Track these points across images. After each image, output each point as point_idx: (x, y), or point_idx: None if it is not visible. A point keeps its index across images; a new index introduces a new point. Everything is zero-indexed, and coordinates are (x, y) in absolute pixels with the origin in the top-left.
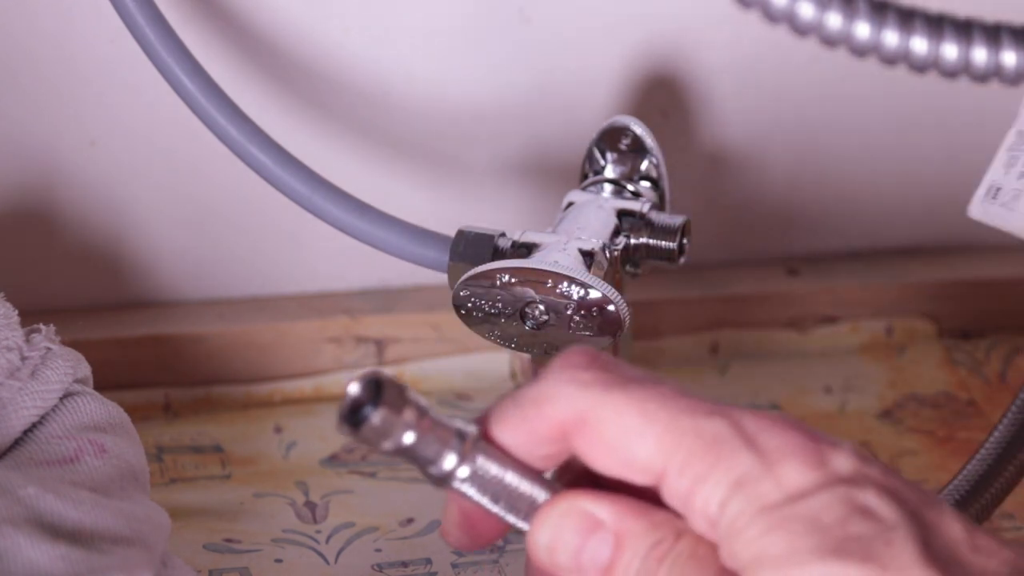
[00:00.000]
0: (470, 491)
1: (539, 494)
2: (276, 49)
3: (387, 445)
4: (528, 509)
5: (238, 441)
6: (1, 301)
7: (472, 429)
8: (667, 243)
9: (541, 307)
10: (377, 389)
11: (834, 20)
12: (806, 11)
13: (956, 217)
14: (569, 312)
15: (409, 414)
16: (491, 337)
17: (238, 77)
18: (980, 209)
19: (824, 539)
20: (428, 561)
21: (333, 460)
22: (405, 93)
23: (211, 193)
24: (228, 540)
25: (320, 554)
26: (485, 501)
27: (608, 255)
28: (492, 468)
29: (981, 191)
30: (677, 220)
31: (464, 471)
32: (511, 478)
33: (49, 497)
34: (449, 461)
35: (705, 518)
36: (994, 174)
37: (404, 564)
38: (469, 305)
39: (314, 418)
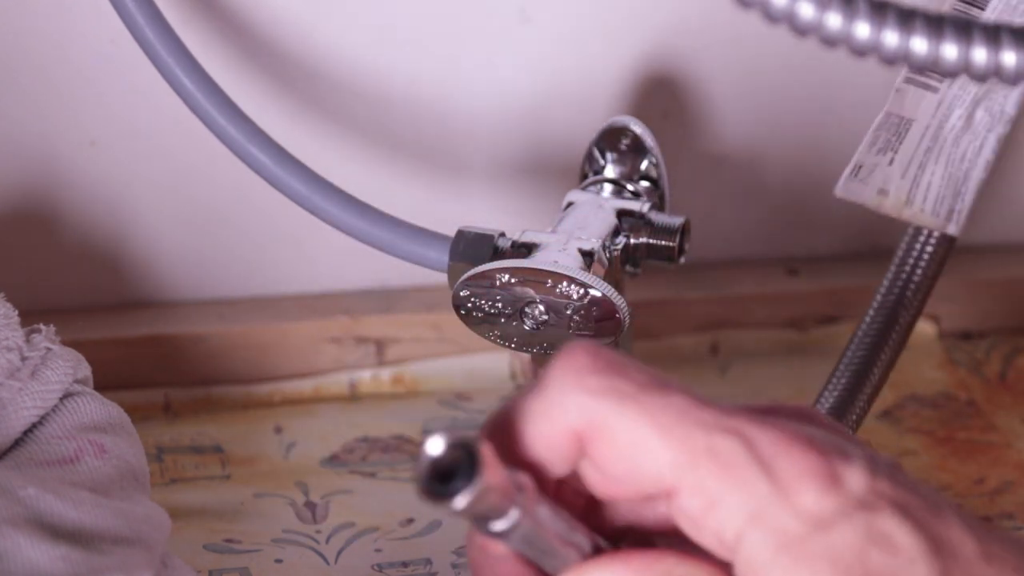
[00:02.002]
0: (518, 543)
1: (578, 548)
2: (276, 49)
3: (495, 526)
4: (564, 564)
5: (238, 441)
6: (1, 301)
7: (526, 480)
8: (667, 243)
9: (541, 307)
10: (470, 459)
11: (834, 20)
12: (806, 11)
13: None
14: (569, 312)
15: (504, 486)
16: (491, 337)
17: (238, 77)
18: (843, 188)
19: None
20: (428, 561)
21: (333, 460)
22: (405, 93)
23: (211, 193)
24: (228, 540)
25: (320, 554)
26: (529, 552)
27: (608, 255)
28: (546, 519)
29: (847, 171)
30: (677, 220)
31: (522, 525)
32: (558, 529)
33: (49, 497)
34: (512, 516)
35: (719, 542)
36: (860, 154)
37: (404, 564)
38: (469, 305)
39: (314, 418)
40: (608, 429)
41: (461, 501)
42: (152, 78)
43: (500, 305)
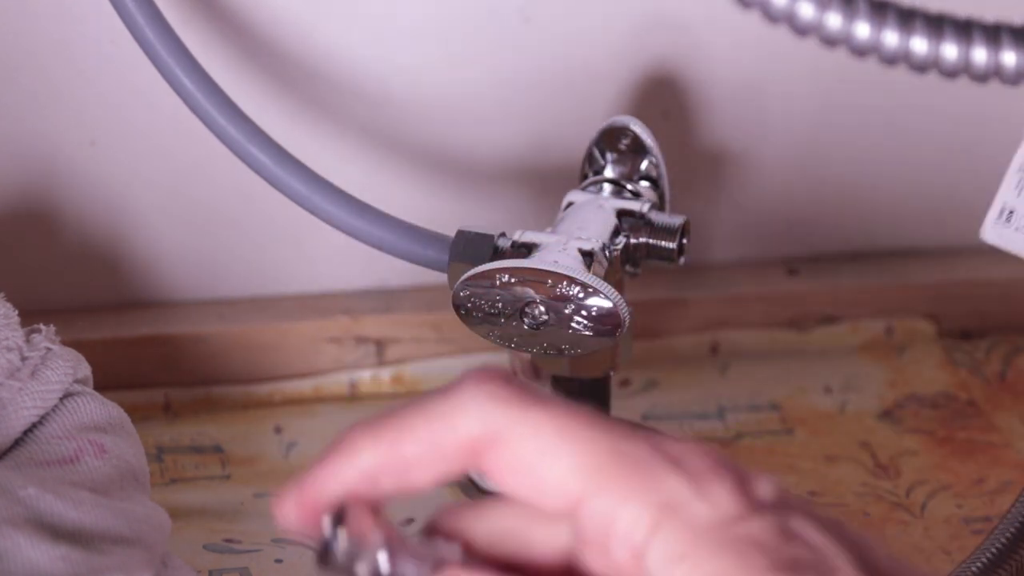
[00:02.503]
0: None
1: None
2: (276, 49)
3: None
4: None
5: (238, 441)
6: (1, 301)
7: (454, 551)
8: (667, 243)
9: (541, 307)
10: (339, 515)
11: (834, 20)
12: (806, 11)
13: (956, 217)
14: (569, 312)
15: (376, 536)
16: (491, 337)
17: (238, 77)
18: (994, 233)
19: (775, 559)
20: None
21: None
22: (405, 93)
23: (211, 193)
24: (228, 540)
25: None
26: None
27: (608, 255)
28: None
29: (993, 213)
30: (677, 220)
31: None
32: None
33: (49, 497)
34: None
35: (629, 546)
36: (1005, 196)
37: None
38: (469, 305)
39: (314, 418)
40: (512, 438)
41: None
42: (152, 78)
43: (500, 305)
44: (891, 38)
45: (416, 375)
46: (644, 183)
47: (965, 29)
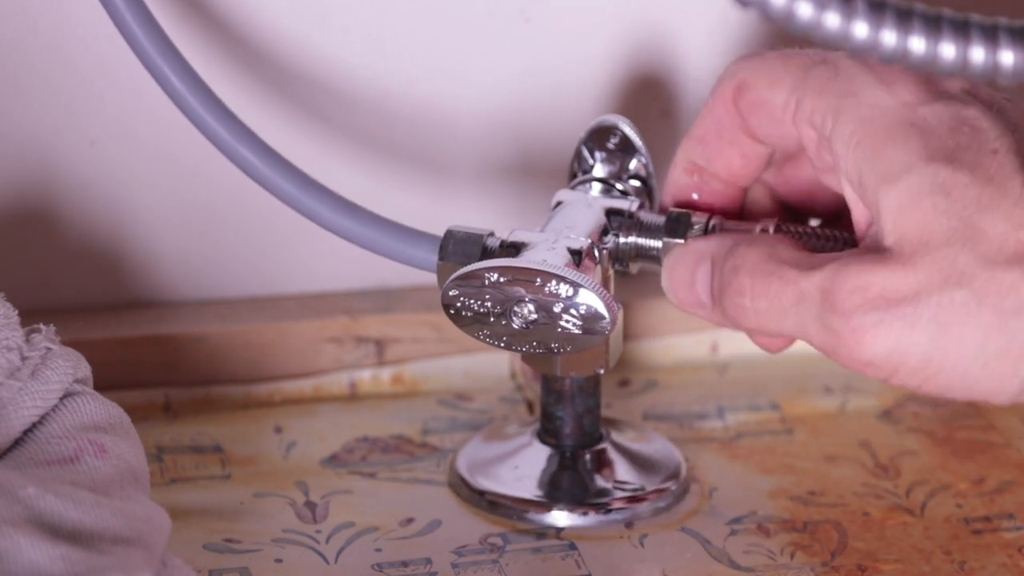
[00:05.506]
0: None
1: None
2: (272, 50)
3: None
4: None
5: (238, 441)
6: (1, 301)
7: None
8: (655, 242)
9: (530, 306)
10: None
11: (832, 20)
12: (804, 11)
13: None
14: (558, 311)
15: None
16: (481, 336)
17: (233, 79)
18: None
19: (937, 148)
20: (428, 561)
21: (333, 460)
22: (404, 94)
23: (211, 193)
24: (228, 540)
25: (320, 554)
26: None
27: (597, 253)
28: None
29: None
30: (664, 219)
31: None
32: None
33: (49, 497)
34: None
35: (822, 139)
36: None
37: (404, 564)
38: (458, 305)
39: (314, 418)
40: (753, 79)
41: None
42: (152, 78)
43: (490, 304)
44: (889, 38)
45: (416, 375)
46: (633, 182)
47: (963, 28)
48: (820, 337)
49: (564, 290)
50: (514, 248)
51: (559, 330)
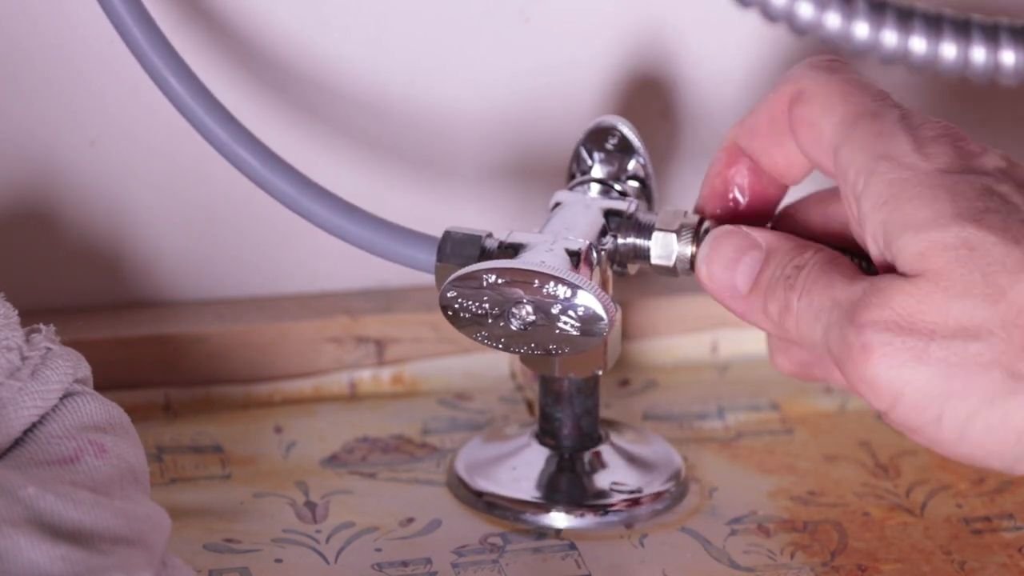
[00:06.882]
0: None
1: None
2: (270, 50)
3: None
4: None
5: (238, 441)
6: (1, 301)
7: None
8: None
9: (528, 307)
10: None
11: (833, 20)
12: (805, 11)
13: None
14: (556, 312)
15: None
16: (479, 338)
17: (232, 81)
18: None
19: (965, 208)
20: (428, 561)
21: (333, 460)
22: (403, 94)
23: (211, 193)
24: (228, 540)
25: (320, 554)
26: None
27: (595, 255)
28: None
29: None
30: None
31: None
32: None
33: (49, 497)
34: None
35: (855, 194)
36: None
37: (404, 564)
38: (456, 306)
39: (314, 418)
40: (810, 93)
41: None
42: (151, 80)
43: (487, 306)
44: (890, 38)
45: (416, 375)
46: (632, 183)
47: (964, 28)
48: (836, 347)
49: (562, 291)
50: (512, 249)
51: (557, 331)
